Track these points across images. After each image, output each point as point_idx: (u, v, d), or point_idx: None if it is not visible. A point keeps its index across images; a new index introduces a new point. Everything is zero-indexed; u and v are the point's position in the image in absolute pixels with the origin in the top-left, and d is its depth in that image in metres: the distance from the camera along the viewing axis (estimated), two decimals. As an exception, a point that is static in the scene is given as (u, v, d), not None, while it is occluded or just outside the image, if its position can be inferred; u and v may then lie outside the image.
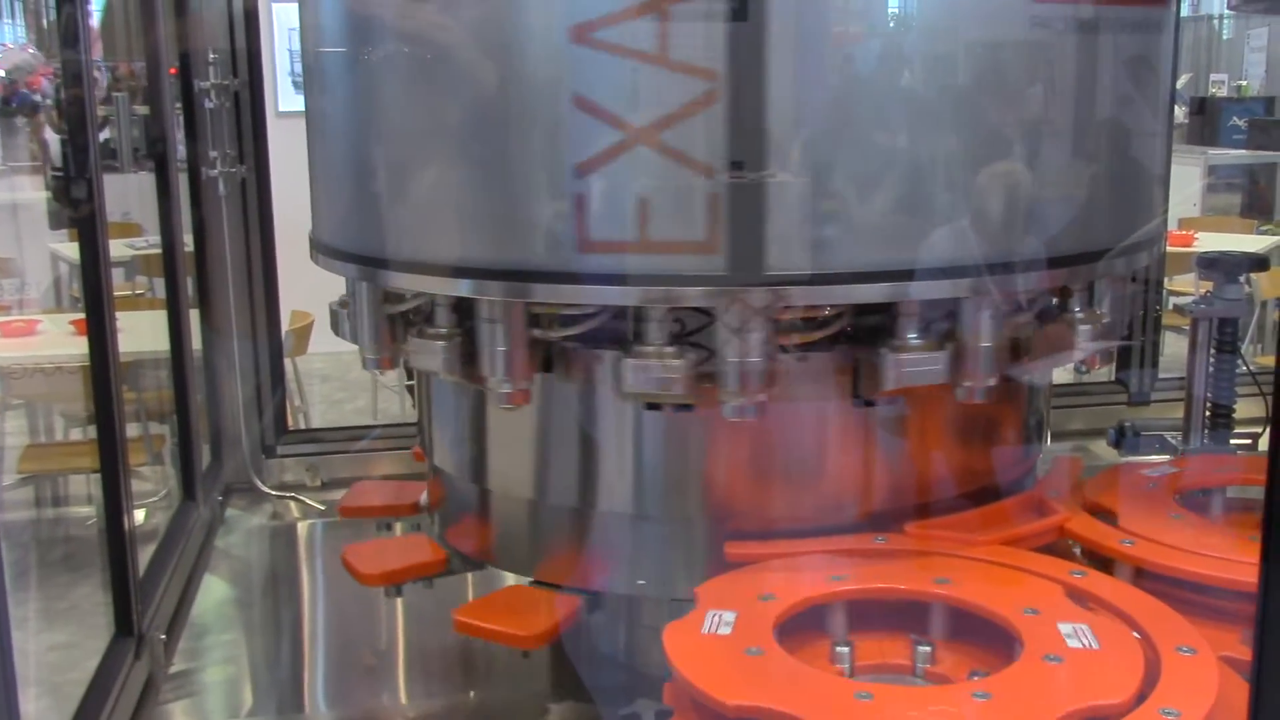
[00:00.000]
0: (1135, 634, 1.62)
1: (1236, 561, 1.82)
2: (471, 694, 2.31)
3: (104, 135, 7.75)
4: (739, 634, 1.63)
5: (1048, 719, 1.42)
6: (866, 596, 1.78)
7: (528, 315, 1.84)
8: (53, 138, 7.75)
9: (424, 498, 2.41)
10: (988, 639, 1.70)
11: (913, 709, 1.50)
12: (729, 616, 1.66)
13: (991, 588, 1.75)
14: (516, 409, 1.89)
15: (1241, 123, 11.31)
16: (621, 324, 1.83)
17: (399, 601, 2.24)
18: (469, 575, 2.30)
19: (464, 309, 1.91)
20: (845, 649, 1.72)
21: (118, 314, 2.25)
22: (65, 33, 2.20)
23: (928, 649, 1.72)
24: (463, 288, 1.83)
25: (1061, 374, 2.83)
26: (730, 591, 1.77)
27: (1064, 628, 1.58)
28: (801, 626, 1.74)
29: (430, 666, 2.39)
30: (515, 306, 1.81)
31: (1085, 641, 1.56)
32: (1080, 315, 1.97)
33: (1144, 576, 1.87)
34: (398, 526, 2.50)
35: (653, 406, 1.87)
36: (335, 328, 2.14)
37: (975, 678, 1.64)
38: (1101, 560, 1.93)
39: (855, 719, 1.46)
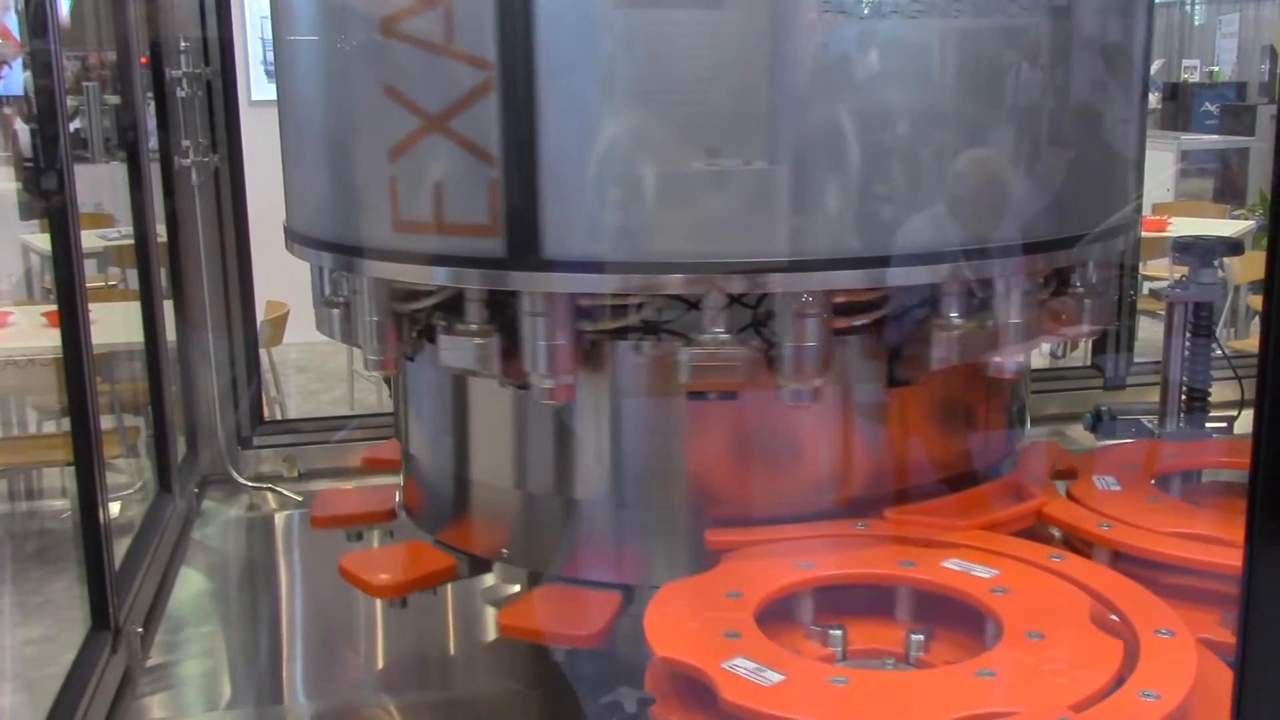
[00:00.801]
0: (1114, 616, 1.62)
1: (1215, 544, 1.83)
2: (450, 684, 2.31)
3: (74, 125, 7.69)
4: (721, 617, 1.63)
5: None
6: (851, 583, 1.79)
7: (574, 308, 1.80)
8: (22, 128, 7.68)
9: (399, 499, 2.39)
10: (964, 622, 1.71)
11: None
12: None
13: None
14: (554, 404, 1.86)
15: (1214, 108, 11.38)
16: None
17: (389, 603, 2.20)
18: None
19: (494, 304, 1.87)
20: (837, 633, 1.73)
21: (90, 306, 2.22)
22: (34, 22, 2.17)
23: (919, 637, 1.73)
24: (439, 276, 1.82)
25: (1038, 359, 2.84)
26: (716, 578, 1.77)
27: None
28: (784, 612, 1.75)
29: (409, 657, 2.39)
30: (560, 298, 1.78)
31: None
32: (1063, 298, 1.98)
33: (1122, 559, 1.88)
34: (375, 534, 2.47)
35: (696, 395, 1.86)
36: (323, 328, 2.10)
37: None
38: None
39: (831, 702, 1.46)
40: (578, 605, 1.96)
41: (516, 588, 2.31)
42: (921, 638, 1.73)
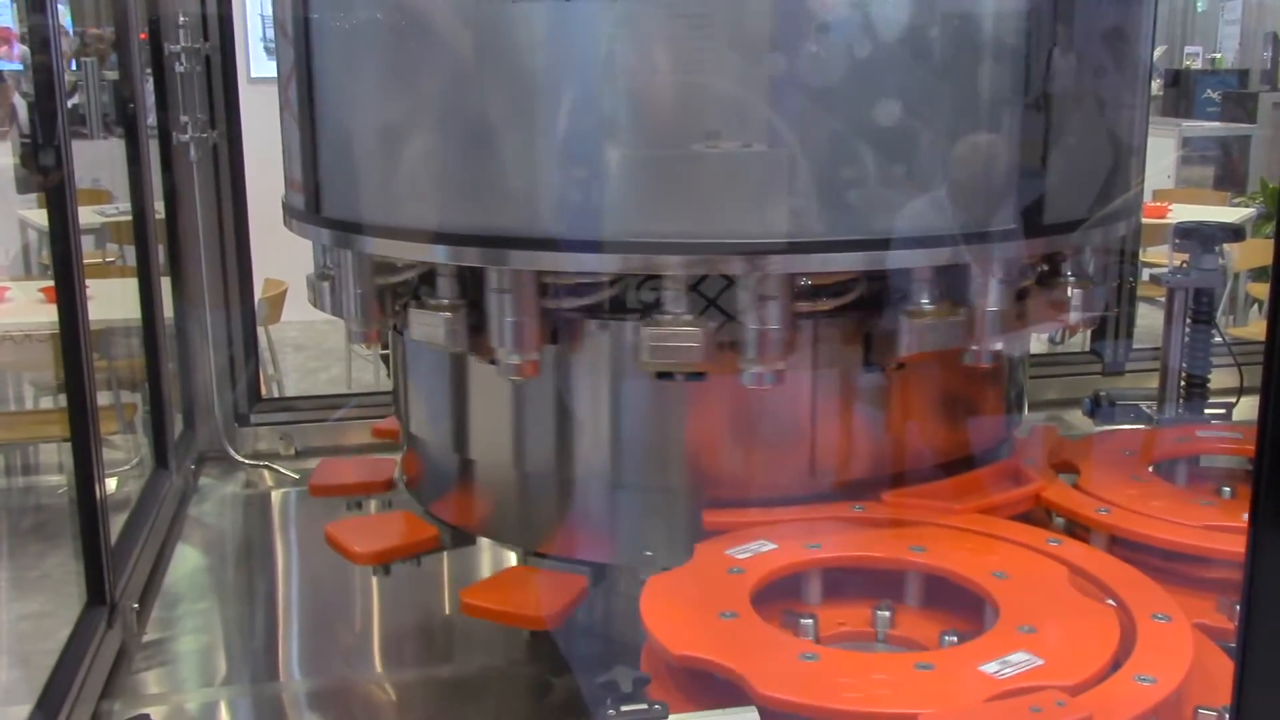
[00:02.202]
0: (1111, 602, 1.63)
1: (1212, 529, 1.83)
2: (447, 663, 2.31)
3: (72, 101, 7.66)
4: (716, 597, 1.63)
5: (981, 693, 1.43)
6: (849, 564, 1.79)
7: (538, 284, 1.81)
8: (20, 103, 7.65)
9: (398, 471, 2.40)
10: (971, 606, 1.71)
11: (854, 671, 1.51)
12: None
13: (970, 556, 1.76)
14: (521, 380, 1.86)
15: (1215, 95, 11.36)
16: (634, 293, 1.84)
17: (372, 570, 2.22)
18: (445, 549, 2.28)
19: (465, 279, 1.88)
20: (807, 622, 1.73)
21: (88, 282, 2.22)
22: (32, -3, 2.16)
23: (887, 614, 1.73)
24: (439, 254, 1.82)
25: (1036, 344, 2.84)
26: (713, 556, 1.77)
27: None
28: (784, 593, 1.75)
29: (405, 636, 2.39)
30: (524, 275, 1.78)
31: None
32: (1064, 285, 1.97)
33: (1119, 544, 1.88)
34: (371, 504, 2.48)
35: (664, 376, 1.86)
36: (314, 300, 2.10)
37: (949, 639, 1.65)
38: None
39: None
40: (542, 586, 1.98)
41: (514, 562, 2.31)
42: (888, 615, 1.73)
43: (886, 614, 1.74)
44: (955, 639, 1.65)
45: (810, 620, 1.70)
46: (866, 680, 1.47)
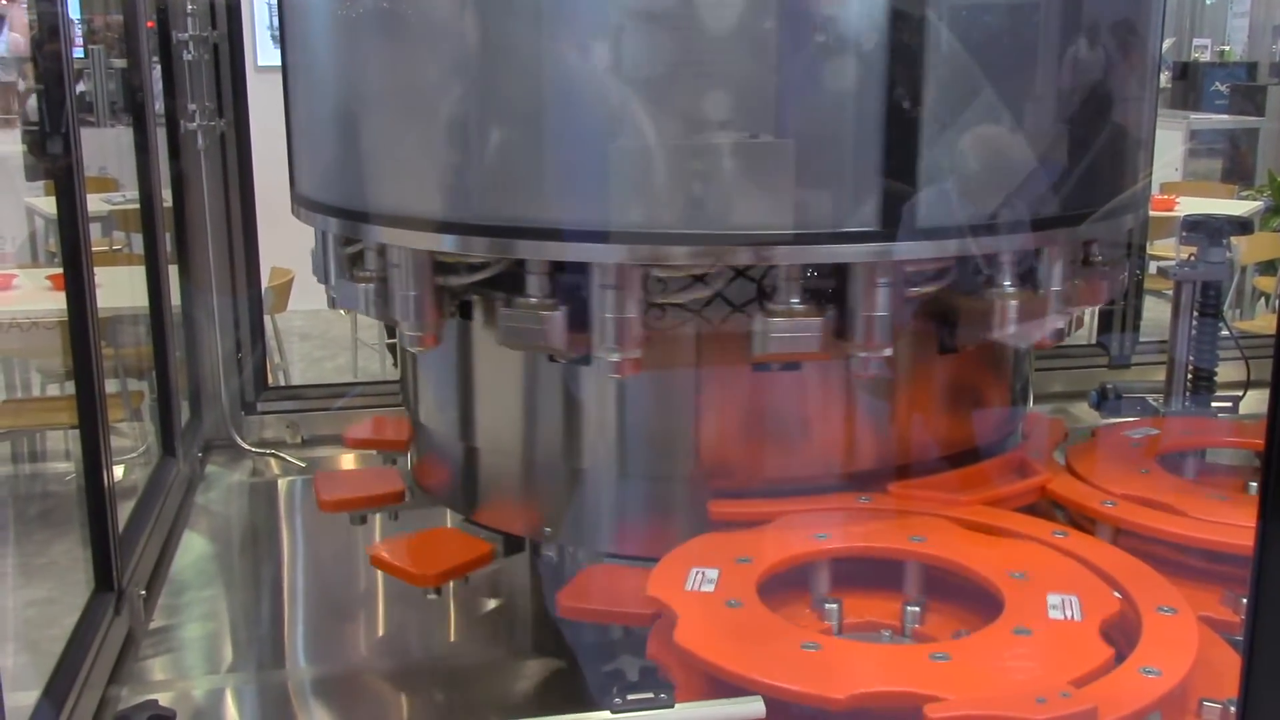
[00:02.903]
0: (1116, 593, 1.63)
1: (1218, 523, 1.83)
2: (452, 651, 2.31)
3: (80, 88, 7.66)
4: (723, 587, 1.64)
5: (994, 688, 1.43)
6: (855, 555, 1.79)
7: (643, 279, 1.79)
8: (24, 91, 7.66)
9: (408, 479, 2.39)
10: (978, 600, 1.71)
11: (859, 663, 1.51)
12: (712, 574, 1.66)
13: (978, 549, 1.76)
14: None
15: (1224, 88, 11.32)
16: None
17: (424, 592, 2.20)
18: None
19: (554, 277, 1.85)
20: (833, 606, 1.73)
21: (95, 270, 2.22)
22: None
23: (915, 609, 1.73)
24: (446, 243, 1.82)
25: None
26: (718, 546, 1.77)
27: (1052, 599, 1.58)
28: (790, 584, 1.75)
29: (410, 623, 2.39)
30: (627, 269, 1.75)
31: (1070, 613, 1.56)
32: (1068, 278, 1.97)
33: (1125, 536, 1.88)
34: (378, 517, 2.46)
35: (760, 366, 1.87)
36: (354, 304, 2.08)
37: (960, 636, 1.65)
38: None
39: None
40: (447, 548, 2.09)
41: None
42: (916, 610, 1.73)
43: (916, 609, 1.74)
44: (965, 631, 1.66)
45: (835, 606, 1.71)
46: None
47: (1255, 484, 2.18)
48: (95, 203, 6.48)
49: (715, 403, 1.96)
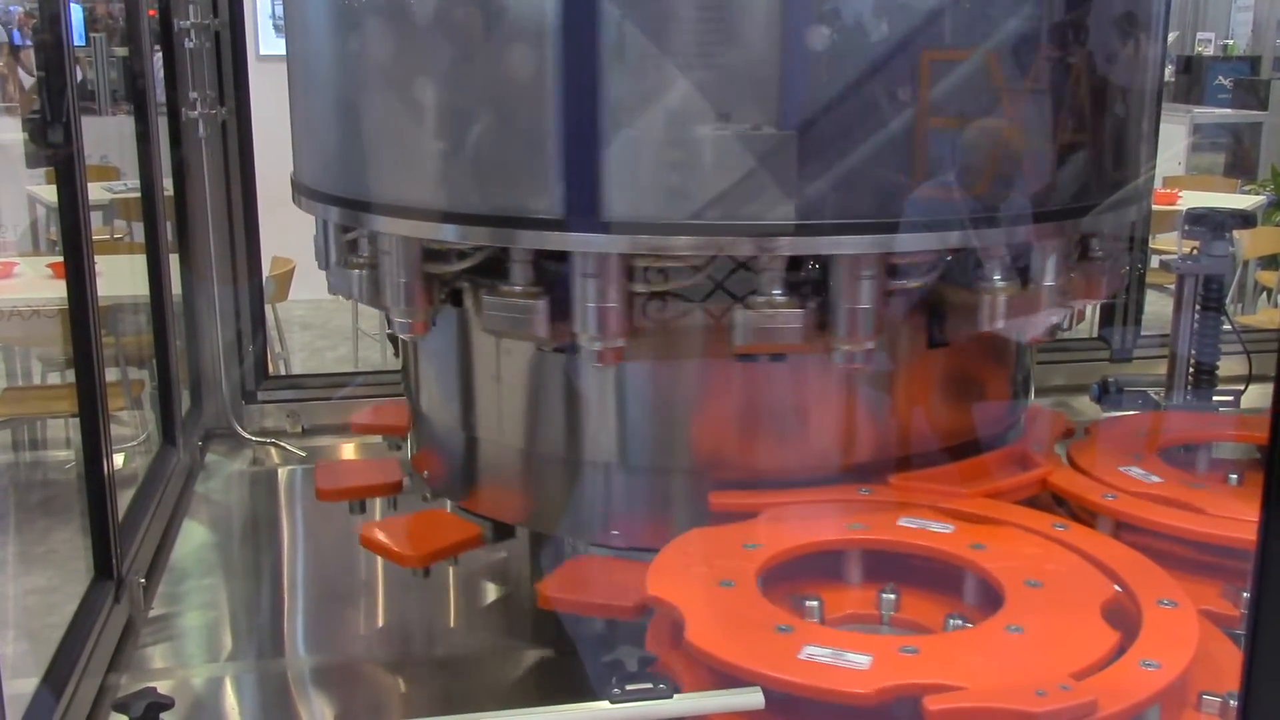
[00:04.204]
0: (1117, 587, 1.63)
1: (1220, 517, 1.83)
2: (452, 641, 2.32)
3: (80, 76, 7.65)
4: (721, 571, 1.64)
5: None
6: (856, 547, 1.79)
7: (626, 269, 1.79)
8: (27, 79, 7.65)
9: (406, 468, 2.39)
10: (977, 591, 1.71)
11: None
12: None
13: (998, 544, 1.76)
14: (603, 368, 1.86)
15: (1227, 82, 11.31)
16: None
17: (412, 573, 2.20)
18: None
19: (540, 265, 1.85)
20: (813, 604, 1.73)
21: (96, 258, 2.22)
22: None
23: (892, 597, 1.74)
24: (447, 233, 1.82)
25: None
26: (724, 536, 1.77)
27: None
28: (792, 574, 1.75)
29: (410, 613, 2.39)
30: (611, 259, 1.75)
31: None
32: (1069, 271, 1.97)
33: (1125, 530, 1.88)
34: (378, 504, 2.46)
35: (746, 357, 1.86)
36: (348, 290, 2.08)
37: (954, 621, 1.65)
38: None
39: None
40: (436, 529, 2.10)
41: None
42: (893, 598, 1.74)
43: (892, 597, 1.74)
44: (960, 622, 1.65)
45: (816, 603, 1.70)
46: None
47: (1235, 476, 2.17)
48: (96, 191, 6.48)
49: (715, 394, 1.95)
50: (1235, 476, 2.17)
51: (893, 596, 1.73)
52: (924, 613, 1.73)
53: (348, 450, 3.07)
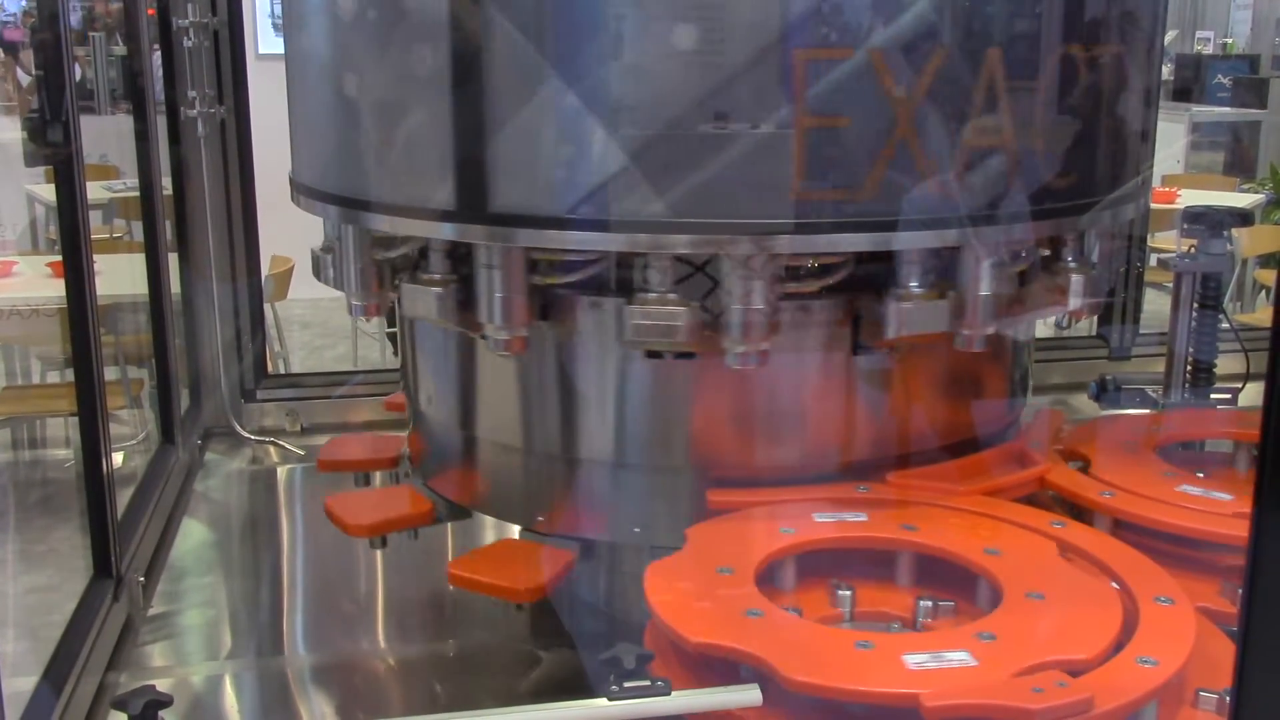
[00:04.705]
0: (1114, 584, 1.63)
1: (1215, 514, 1.83)
2: (451, 640, 2.32)
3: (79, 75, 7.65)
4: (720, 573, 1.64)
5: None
6: (857, 545, 1.79)
7: (527, 261, 1.82)
8: (25, 78, 7.65)
9: (404, 448, 2.40)
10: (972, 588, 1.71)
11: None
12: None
13: (970, 538, 1.76)
14: (509, 356, 1.87)
15: (1226, 80, 11.31)
16: (622, 272, 1.83)
17: (369, 544, 2.23)
18: (449, 524, 2.29)
19: (458, 254, 1.89)
20: (846, 594, 1.74)
21: (95, 257, 2.22)
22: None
23: (929, 604, 1.74)
24: (445, 231, 1.82)
25: (1042, 328, 2.83)
26: (719, 535, 1.78)
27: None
28: (793, 573, 1.75)
29: (409, 612, 2.40)
30: (513, 251, 1.79)
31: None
32: (1071, 268, 1.97)
33: (1123, 528, 1.88)
34: (376, 478, 2.49)
35: (653, 355, 1.87)
36: (317, 273, 2.12)
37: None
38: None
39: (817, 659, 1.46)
40: (525, 560, 2.00)
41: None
42: (931, 604, 1.74)
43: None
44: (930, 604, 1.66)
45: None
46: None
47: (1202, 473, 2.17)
48: (95, 190, 6.47)
49: (712, 391, 1.95)
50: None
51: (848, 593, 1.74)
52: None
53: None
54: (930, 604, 1.72)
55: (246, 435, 3.16)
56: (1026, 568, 1.66)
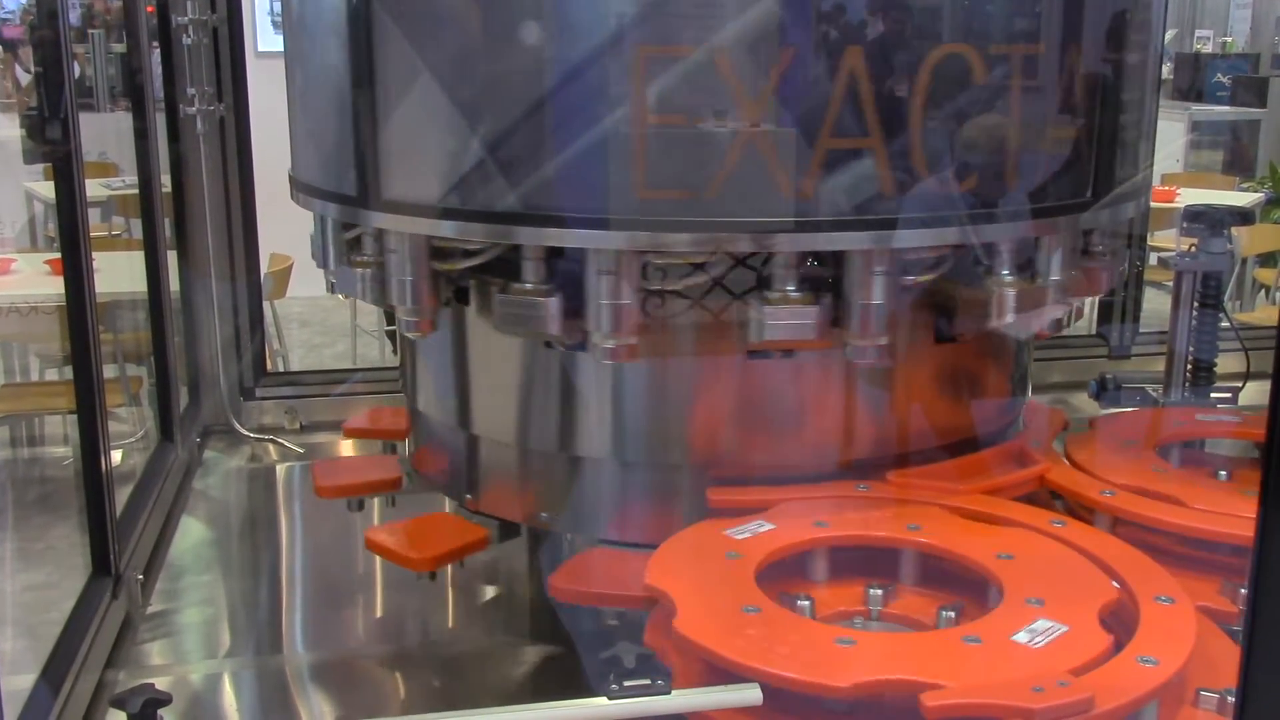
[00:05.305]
0: (1115, 583, 1.63)
1: (1216, 513, 1.83)
2: (449, 638, 2.31)
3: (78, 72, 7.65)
4: (721, 571, 1.64)
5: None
6: (855, 544, 1.79)
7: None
8: (25, 76, 7.64)
9: (402, 465, 2.39)
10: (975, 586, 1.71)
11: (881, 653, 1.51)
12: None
13: (970, 537, 1.76)
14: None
15: (1226, 79, 11.31)
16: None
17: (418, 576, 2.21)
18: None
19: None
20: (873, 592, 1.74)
21: (94, 254, 2.21)
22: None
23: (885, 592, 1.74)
24: (445, 229, 1.82)
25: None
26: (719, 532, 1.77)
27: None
28: (789, 571, 1.75)
29: (408, 609, 2.39)
30: (629, 256, 1.75)
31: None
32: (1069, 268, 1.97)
33: (1123, 526, 1.88)
34: (375, 503, 2.47)
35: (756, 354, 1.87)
36: (347, 287, 2.08)
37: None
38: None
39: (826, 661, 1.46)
40: (442, 533, 2.09)
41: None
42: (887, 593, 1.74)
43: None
44: (953, 614, 1.66)
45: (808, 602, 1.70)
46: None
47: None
48: (94, 188, 6.47)
49: (714, 390, 1.95)
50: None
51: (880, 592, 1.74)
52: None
53: (345, 448, 3.07)
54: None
55: (245, 433, 3.16)
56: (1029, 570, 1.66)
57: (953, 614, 1.65)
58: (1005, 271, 1.83)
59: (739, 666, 1.43)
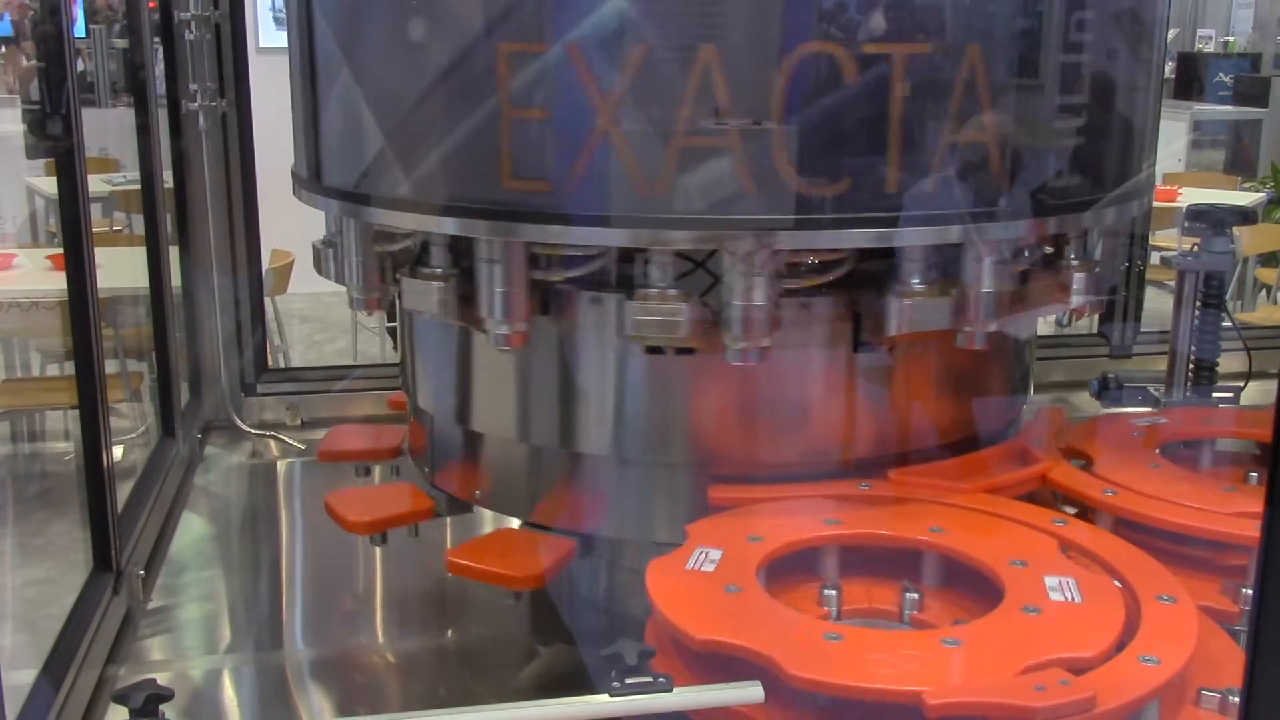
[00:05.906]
0: (1116, 582, 1.63)
1: (1219, 513, 1.83)
2: (450, 634, 2.32)
3: (80, 68, 7.64)
4: (721, 572, 1.63)
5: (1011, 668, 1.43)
6: (856, 542, 1.79)
7: (527, 256, 1.81)
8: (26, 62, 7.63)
9: (404, 441, 2.40)
10: (975, 587, 1.71)
11: (880, 652, 1.51)
12: (715, 554, 1.66)
13: (979, 537, 1.76)
14: (509, 351, 1.86)
15: (1228, 79, 11.31)
16: (624, 266, 1.83)
17: (369, 540, 2.22)
18: (448, 519, 2.29)
19: (459, 248, 1.88)
20: (833, 592, 1.73)
21: (96, 250, 2.21)
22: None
23: (914, 596, 1.73)
24: (449, 226, 1.81)
25: (1043, 326, 2.83)
26: (719, 531, 1.77)
27: (1049, 581, 1.58)
28: (789, 569, 1.75)
29: (409, 606, 2.40)
30: (514, 246, 1.78)
31: (1069, 595, 1.56)
32: (1074, 266, 1.96)
33: (1125, 526, 1.88)
34: (376, 471, 2.49)
35: (654, 350, 1.86)
36: (318, 267, 2.11)
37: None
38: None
39: (820, 658, 1.46)
40: (523, 548, 2.00)
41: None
42: (915, 596, 1.73)
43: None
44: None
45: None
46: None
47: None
48: (96, 183, 6.47)
49: (714, 387, 1.95)
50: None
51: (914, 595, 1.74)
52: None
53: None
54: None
55: (246, 429, 3.16)
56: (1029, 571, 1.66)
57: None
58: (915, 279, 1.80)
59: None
